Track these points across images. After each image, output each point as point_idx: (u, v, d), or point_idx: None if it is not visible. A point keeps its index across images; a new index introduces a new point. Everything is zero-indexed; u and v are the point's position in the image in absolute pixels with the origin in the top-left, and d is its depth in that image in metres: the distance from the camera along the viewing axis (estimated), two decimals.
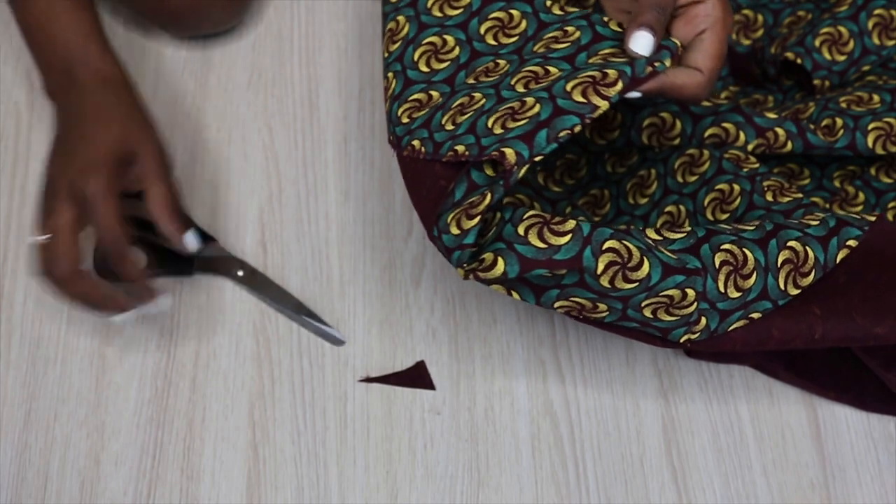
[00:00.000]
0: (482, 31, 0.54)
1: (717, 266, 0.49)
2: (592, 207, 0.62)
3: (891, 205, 0.61)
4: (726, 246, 0.49)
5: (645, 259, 0.47)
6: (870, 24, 0.64)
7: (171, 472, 0.58)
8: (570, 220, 0.47)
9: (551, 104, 0.47)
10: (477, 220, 0.46)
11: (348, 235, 0.65)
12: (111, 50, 0.59)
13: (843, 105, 0.61)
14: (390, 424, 0.60)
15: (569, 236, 0.46)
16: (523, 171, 0.47)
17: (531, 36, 0.53)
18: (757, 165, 0.57)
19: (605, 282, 0.47)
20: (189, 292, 0.63)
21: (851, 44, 0.64)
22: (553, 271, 0.47)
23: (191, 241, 0.57)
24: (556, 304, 0.49)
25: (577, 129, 0.47)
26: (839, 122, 0.60)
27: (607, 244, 0.47)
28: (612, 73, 0.48)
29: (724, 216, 0.55)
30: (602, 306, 0.49)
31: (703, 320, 0.50)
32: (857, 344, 0.51)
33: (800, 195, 0.54)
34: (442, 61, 0.53)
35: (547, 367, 0.61)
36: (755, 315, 0.50)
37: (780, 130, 0.59)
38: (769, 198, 0.54)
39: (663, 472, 0.59)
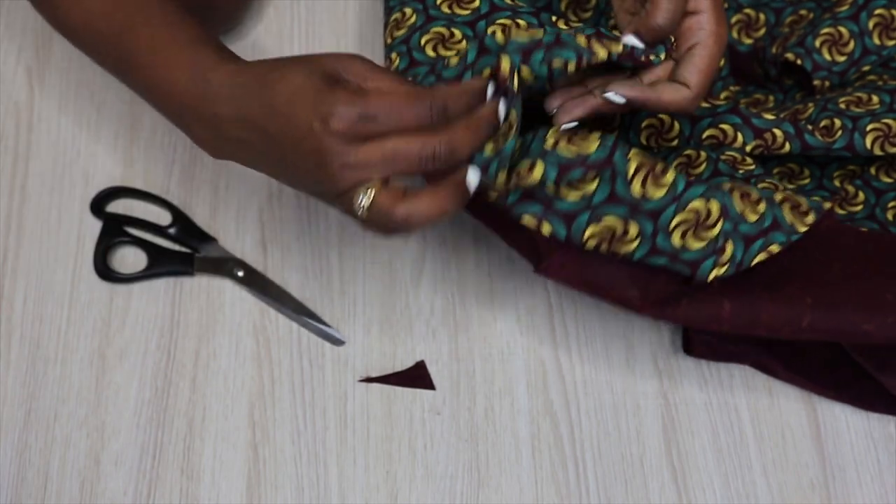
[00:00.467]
0: (489, 31, 0.54)
1: (727, 191, 0.51)
2: None
3: (891, 204, 0.62)
4: (728, 184, 0.52)
5: (670, 168, 0.49)
6: (870, 24, 0.64)
7: (171, 472, 0.58)
8: (594, 133, 0.49)
9: (554, 35, 0.49)
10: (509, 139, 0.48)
11: (348, 235, 0.65)
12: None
13: (843, 106, 0.61)
14: (390, 424, 0.60)
15: (596, 143, 0.48)
16: (516, 83, 0.48)
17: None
18: (753, 167, 0.58)
19: (636, 186, 0.48)
20: (189, 292, 0.63)
21: (852, 44, 0.64)
22: (581, 189, 0.48)
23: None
24: (587, 234, 0.50)
25: (572, 66, 0.49)
26: (837, 122, 0.60)
27: (632, 152, 0.49)
28: (615, 42, 0.51)
29: None
30: (632, 230, 0.49)
31: (729, 248, 0.50)
32: (845, 339, 0.51)
33: (804, 182, 0.56)
34: (449, 49, 0.53)
35: (547, 366, 0.61)
36: (774, 248, 0.51)
37: (777, 132, 0.59)
38: None
39: (663, 472, 0.59)
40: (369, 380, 0.61)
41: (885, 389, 0.59)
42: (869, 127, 0.59)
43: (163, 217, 0.65)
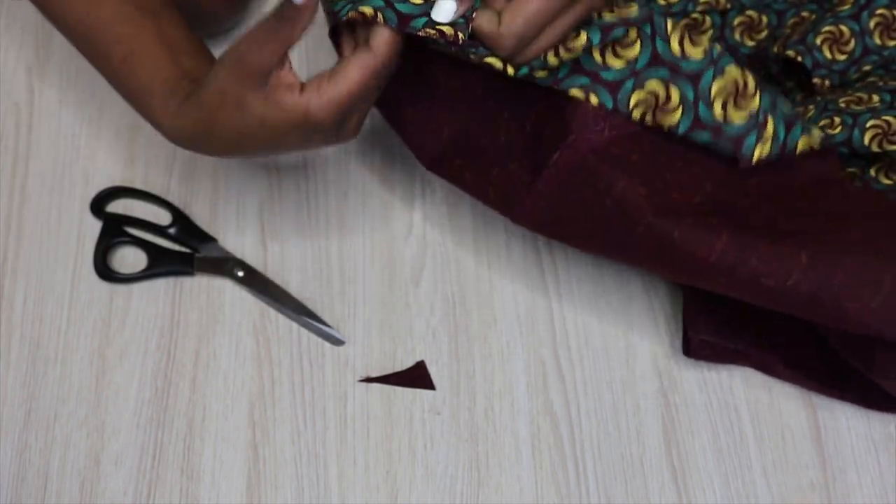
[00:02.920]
0: None
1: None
2: None
3: None
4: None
5: (708, 21, 0.52)
6: (871, 24, 0.64)
7: (171, 472, 0.58)
8: (633, 3, 0.50)
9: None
10: None
11: (348, 235, 0.65)
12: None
13: (843, 105, 0.61)
14: (390, 424, 0.60)
15: (635, 7, 0.50)
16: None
17: None
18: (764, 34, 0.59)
19: (675, 44, 0.50)
20: (189, 292, 0.63)
21: (852, 43, 0.64)
22: (624, 56, 0.50)
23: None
24: (633, 102, 0.51)
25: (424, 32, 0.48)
26: (837, 119, 0.60)
27: (670, 19, 0.50)
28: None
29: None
30: (674, 96, 0.51)
31: (770, 123, 0.51)
32: (820, 315, 0.50)
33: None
34: None
35: (547, 367, 0.61)
36: (816, 134, 0.52)
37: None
38: None
39: (663, 472, 0.59)
40: (369, 380, 0.61)
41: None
42: (869, 123, 0.59)
43: (163, 217, 0.65)
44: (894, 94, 0.61)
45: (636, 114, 0.51)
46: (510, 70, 0.49)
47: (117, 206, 0.66)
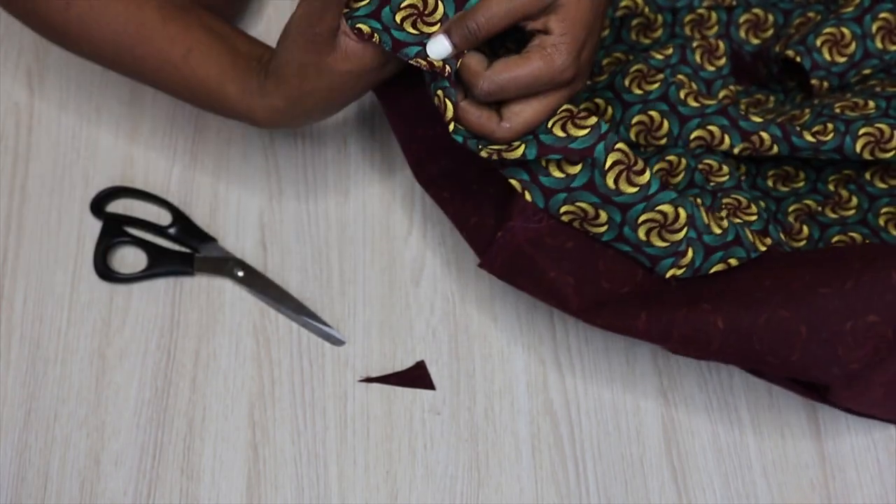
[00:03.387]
0: None
1: (696, 202, 0.54)
2: None
3: (884, 209, 0.61)
4: (699, 200, 0.56)
5: (647, 169, 0.53)
6: (874, 28, 0.64)
7: (171, 472, 0.58)
8: (593, 117, 0.52)
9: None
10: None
11: (348, 235, 0.65)
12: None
13: (837, 110, 0.61)
14: (390, 424, 0.60)
15: (587, 130, 0.51)
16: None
17: None
18: (724, 179, 0.60)
19: (610, 180, 0.52)
20: (189, 292, 0.63)
21: (853, 46, 0.64)
22: (565, 170, 0.52)
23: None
24: (562, 210, 0.54)
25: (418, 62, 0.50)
26: (830, 126, 0.60)
27: (618, 146, 0.52)
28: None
29: None
30: (602, 215, 0.54)
31: (690, 253, 0.54)
32: (750, 367, 0.53)
33: (752, 219, 0.58)
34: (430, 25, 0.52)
35: (547, 366, 0.61)
36: (733, 261, 0.55)
37: (764, 134, 0.59)
38: (722, 215, 0.57)
39: (663, 472, 0.59)
40: (369, 380, 0.61)
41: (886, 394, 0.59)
42: (861, 131, 0.59)
43: (163, 217, 0.65)
44: (890, 101, 0.61)
45: (565, 219, 0.54)
46: (482, 152, 0.52)
47: (117, 206, 0.66)
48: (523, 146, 0.51)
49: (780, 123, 0.60)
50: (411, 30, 0.50)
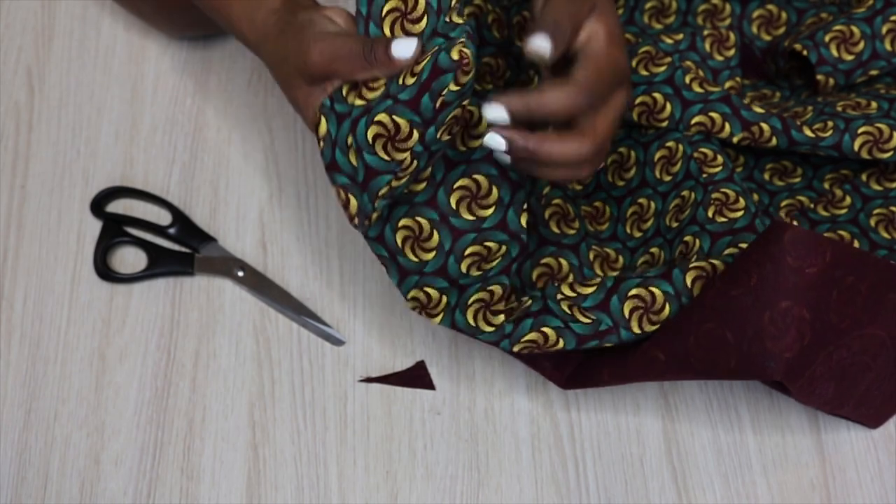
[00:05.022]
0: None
1: (627, 316, 0.54)
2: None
3: (876, 211, 0.61)
4: (634, 291, 0.54)
5: (560, 339, 0.53)
6: (884, 29, 0.64)
7: (171, 472, 0.58)
8: (500, 315, 0.54)
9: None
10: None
11: (348, 235, 0.65)
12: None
13: (839, 109, 0.61)
14: (390, 424, 0.60)
15: (493, 328, 0.54)
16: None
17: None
18: (718, 170, 0.59)
19: (522, 350, 0.54)
20: (189, 292, 0.63)
21: (862, 45, 0.64)
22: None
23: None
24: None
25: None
26: (830, 123, 0.60)
27: (527, 337, 0.53)
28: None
29: (675, 224, 0.59)
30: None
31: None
32: (706, 379, 0.54)
33: (738, 215, 0.57)
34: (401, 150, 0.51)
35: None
36: (608, 343, 0.55)
37: (765, 126, 0.59)
38: (710, 214, 0.58)
39: (663, 472, 0.59)
40: (369, 380, 0.61)
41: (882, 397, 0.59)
42: (861, 129, 0.59)
43: (163, 217, 0.65)
44: (892, 103, 0.61)
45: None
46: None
47: (117, 206, 0.66)
48: (441, 315, 0.54)
49: (781, 116, 0.60)
50: (382, 154, 0.50)
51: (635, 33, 0.68)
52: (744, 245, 0.56)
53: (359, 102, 0.50)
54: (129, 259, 0.64)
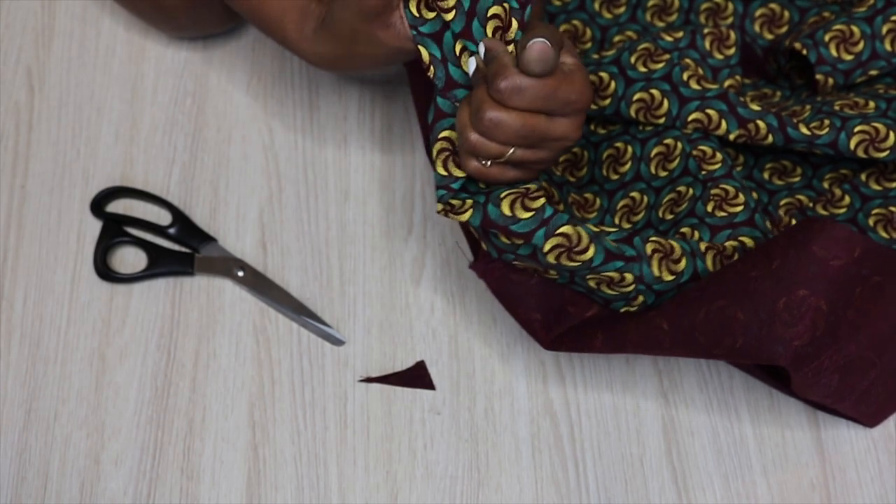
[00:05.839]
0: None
1: (649, 253, 0.54)
2: (571, 168, 0.65)
3: (875, 211, 0.61)
4: (654, 237, 0.55)
5: (591, 245, 0.52)
6: (884, 30, 0.64)
7: (171, 472, 0.58)
8: (541, 199, 0.52)
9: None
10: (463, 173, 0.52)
11: (348, 235, 0.65)
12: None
13: (837, 108, 0.61)
14: (390, 424, 0.60)
15: (532, 213, 0.51)
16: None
17: None
18: (717, 167, 0.60)
19: (551, 259, 0.52)
20: (189, 292, 0.63)
21: (861, 44, 0.64)
22: (509, 238, 0.52)
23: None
24: (513, 262, 0.55)
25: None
26: (827, 122, 0.60)
27: (561, 229, 0.52)
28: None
29: (670, 216, 0.60)
30: (552, 272, 0.55)
31: (641, 297, 0.55)
32: (706, 358, 0.54)
33: (737, 210, 0.58)
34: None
35: (547, 367, 0.61)
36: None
37: (761, 123, 0.59)
38: (709, 209, 0.58)
39: (663, 472, 0.59)
40: (369, 380, 0.61)
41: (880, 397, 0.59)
42: (857, 128, 0.59)
43: (163, 217, 0.65)
44: (890, 104, 0.61)
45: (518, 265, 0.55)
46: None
47: (117, 206, 0.66)
48: (471, 211, 0.52)
49: (778, 114, 0.60)
50: (465, 66, 0.51)
51: (637, 31, 0.68)
52: (743, 238, 0.56)
53: (431, 15, 0.52)
54: (129, 259, 0.64)
